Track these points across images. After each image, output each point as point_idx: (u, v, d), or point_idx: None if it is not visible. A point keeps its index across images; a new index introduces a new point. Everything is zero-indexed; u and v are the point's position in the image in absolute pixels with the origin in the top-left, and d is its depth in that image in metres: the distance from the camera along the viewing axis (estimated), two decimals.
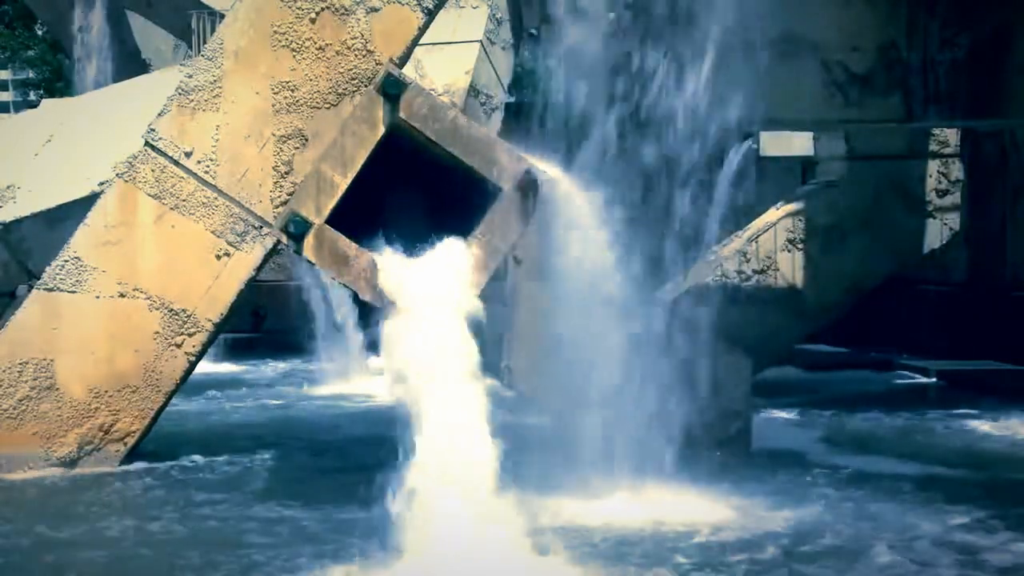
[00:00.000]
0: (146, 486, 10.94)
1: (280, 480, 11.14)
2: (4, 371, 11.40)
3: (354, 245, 10.04)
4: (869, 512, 9.74)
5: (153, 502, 10.35)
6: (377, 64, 11.22)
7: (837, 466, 11.65)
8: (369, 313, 10.62)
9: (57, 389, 11.44)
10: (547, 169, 10.10)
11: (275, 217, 11.26)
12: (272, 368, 20.52)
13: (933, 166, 17.53)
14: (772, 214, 17.06)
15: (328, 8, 11.30)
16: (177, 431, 13.01)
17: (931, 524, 9.31)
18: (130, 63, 26.67)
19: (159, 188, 11.48)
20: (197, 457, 11.89)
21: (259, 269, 11.64)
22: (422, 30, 11.44)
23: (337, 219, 10.24)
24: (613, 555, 8.51)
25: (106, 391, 11.49)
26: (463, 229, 9.86)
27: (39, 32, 48.44)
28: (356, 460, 11.69)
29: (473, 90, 22.53)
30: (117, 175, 11.64)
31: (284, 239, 10.46)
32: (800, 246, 16.66)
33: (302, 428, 14.26)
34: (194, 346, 11.56)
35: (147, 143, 11.53)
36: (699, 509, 9.78)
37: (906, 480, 10.97)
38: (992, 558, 8.46)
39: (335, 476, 11.23)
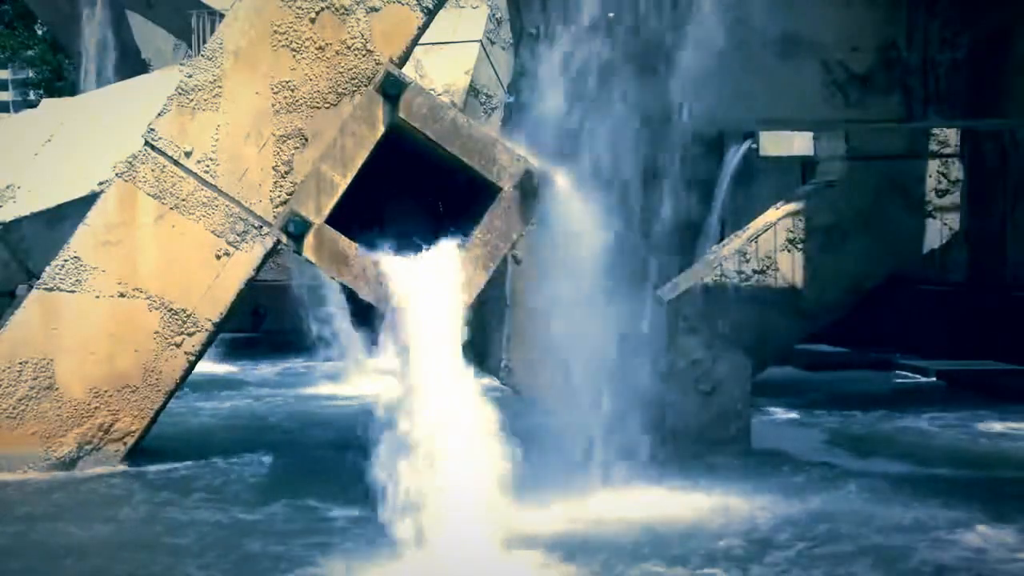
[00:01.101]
0: (111, 486, 10.83)
1: (253, 484, 10.98)
2: (4, 371, 11.40)
3: (354, 245, 10.06)
4: (867, 512, 9.74)
5: (109, 505, 10.22)
6: (377, 64, 11.22)
7: (836, 466, 11.66)
8: (367, 313, 10.62)
9: (57, 389, 11.43)
10: (546, 168, 10.10)
11: (275, 217, 11.26)
12: (270, 368, 20.50)
13: (933, 166, 17.54)
14: (772, 214, 17.06)
15: (328, 8, 11.30)
16: (170, 432, 12.96)
17: (927, 523, 9.32)
18: (130, 63, 26.73)
19: (159, 188, 11.47)
20: (181, 459, 11.77)
21: (259, 269, 11.63)
22: (422, 30, 11.44)
23: (337, 219, 10.26)
24: (611, 552, 8.51)
25: (106, 391, 11.49)
26: (463, 229, 9.87)
27: (39, 32, 48.52)
28: (348, 461, 11.66)
29: (473, 90, 22.56)
30: (117, 175, 11.64)
31: (284, 239, 10.49)
32: (800, 246, 16.67)
33: (296, 430, 14.19)
34: (194, 346, 11.55)
35: (147, 143, 11.53)
36: (698, 508, 9.78)
37: (905, 480, 10.97)
38: (987, 556, 8.47)
39: (328, 478, 11.17)
